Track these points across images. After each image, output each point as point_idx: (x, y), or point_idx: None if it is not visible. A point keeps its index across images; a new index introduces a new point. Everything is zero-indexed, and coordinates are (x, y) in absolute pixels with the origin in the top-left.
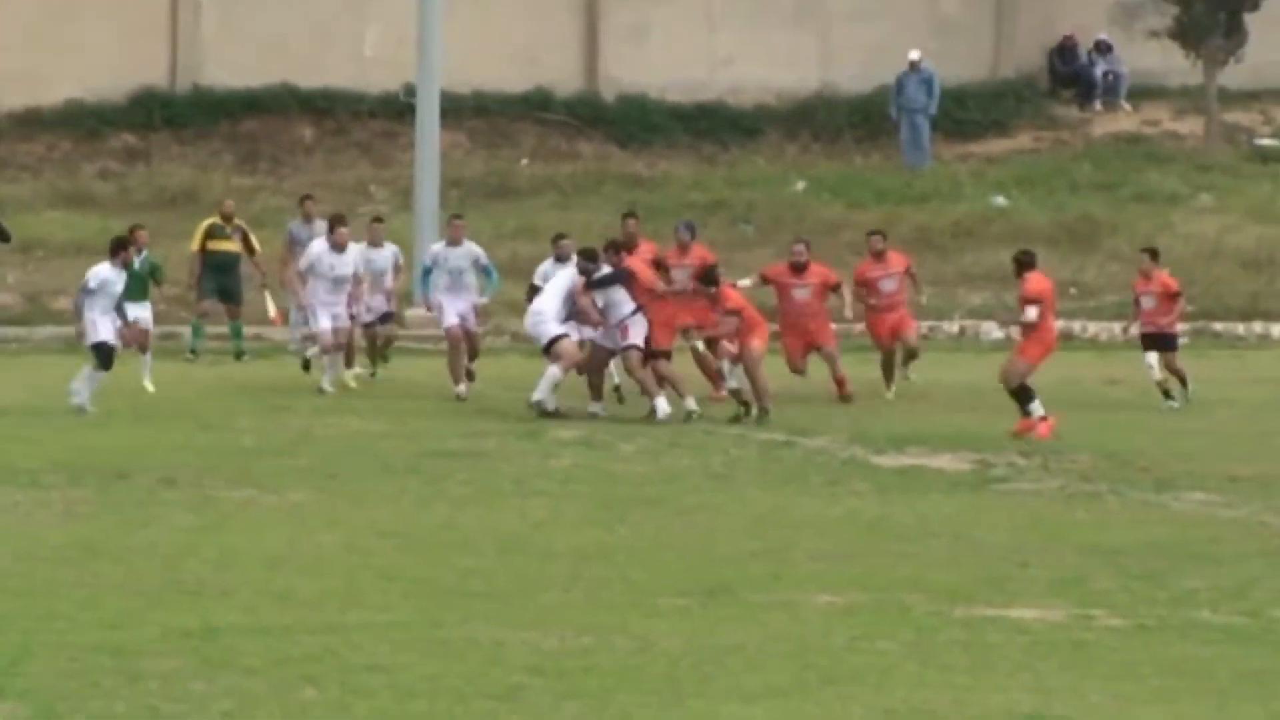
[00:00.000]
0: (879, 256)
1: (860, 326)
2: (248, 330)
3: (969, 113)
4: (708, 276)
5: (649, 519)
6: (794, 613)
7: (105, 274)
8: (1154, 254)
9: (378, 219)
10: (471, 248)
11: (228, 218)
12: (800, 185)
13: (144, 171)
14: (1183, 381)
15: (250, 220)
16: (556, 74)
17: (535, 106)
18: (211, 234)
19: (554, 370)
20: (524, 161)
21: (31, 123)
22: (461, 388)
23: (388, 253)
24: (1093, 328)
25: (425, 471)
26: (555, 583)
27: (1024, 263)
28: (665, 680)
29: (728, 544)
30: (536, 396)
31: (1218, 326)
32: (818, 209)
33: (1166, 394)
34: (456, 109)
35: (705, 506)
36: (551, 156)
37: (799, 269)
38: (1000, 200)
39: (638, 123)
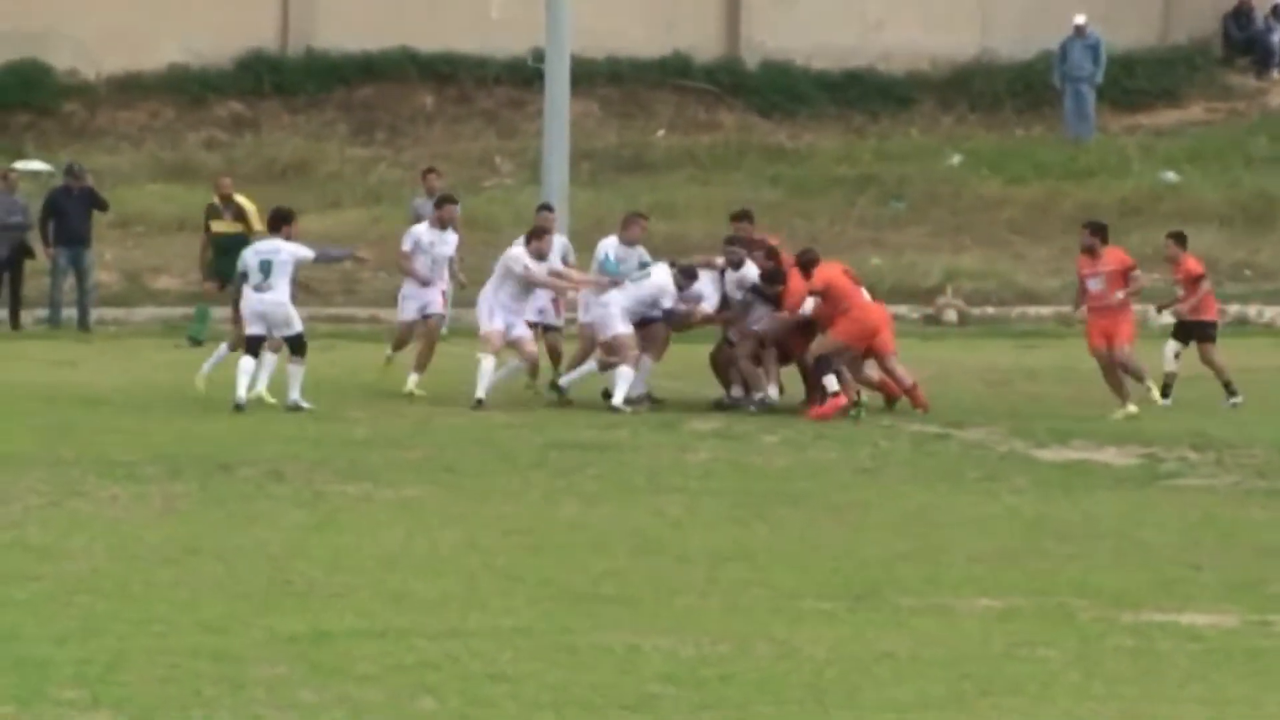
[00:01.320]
0: (1090, 252)
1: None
2: (374, 312)
3: (1137, 81)
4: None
5: (792, 517)
6: (948, 618)
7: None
8: (1181, 239)
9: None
10: (642, 254)
11: (225, 197)
12: (956, 159)
13: (252, 141)
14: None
15: (366, 194)
16: (696, 38)
17: (673, 73)
18: (211, 215)
19: (625, 369)
20: (660, 132)
21: (132, 88)
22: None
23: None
24: (1269, 312)
25: (552, 465)
26: (692, 586)
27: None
28: (809, 690)
29: (877, 544)
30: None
31: None
32: (974, 184)
33: (1165, 390)
34: (588, 75)
35: (853, 503)
36: (689, 127)
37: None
38: (1170, 176)
39: (782, 91)
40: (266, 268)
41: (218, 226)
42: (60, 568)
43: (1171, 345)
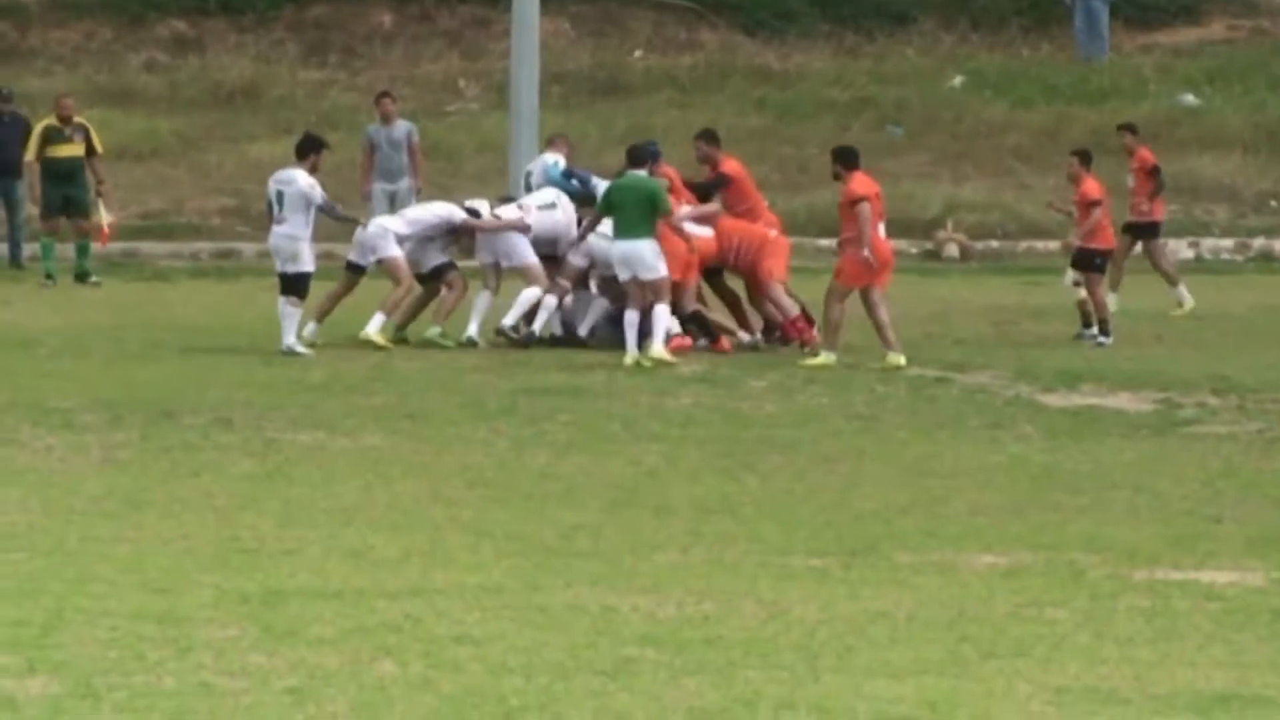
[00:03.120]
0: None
1: None
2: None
3: None
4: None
5: (781, 467)
6: (950, 576)
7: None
8: (1086, 157)
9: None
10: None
11: (65, 119)
12: (957, 80)
13: (196, 64)
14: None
15: (320, 120)
16: None
17: None
18: (49, 138)
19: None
20: (637, 53)
21: (65, 6)
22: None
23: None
24: None
25: (522, 411)
26: (672, 541)
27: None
28: (799, 653)
29: (872, 496)
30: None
31: None
32: (977, 108)
33: (1084, 319)
34: None
35: (846, 452)
36: (668, 47)
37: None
38: (1190, 99)
39: (769, 7)
40: (280, 199)
41: (56, 150)
42: None
43: (1070, 274)
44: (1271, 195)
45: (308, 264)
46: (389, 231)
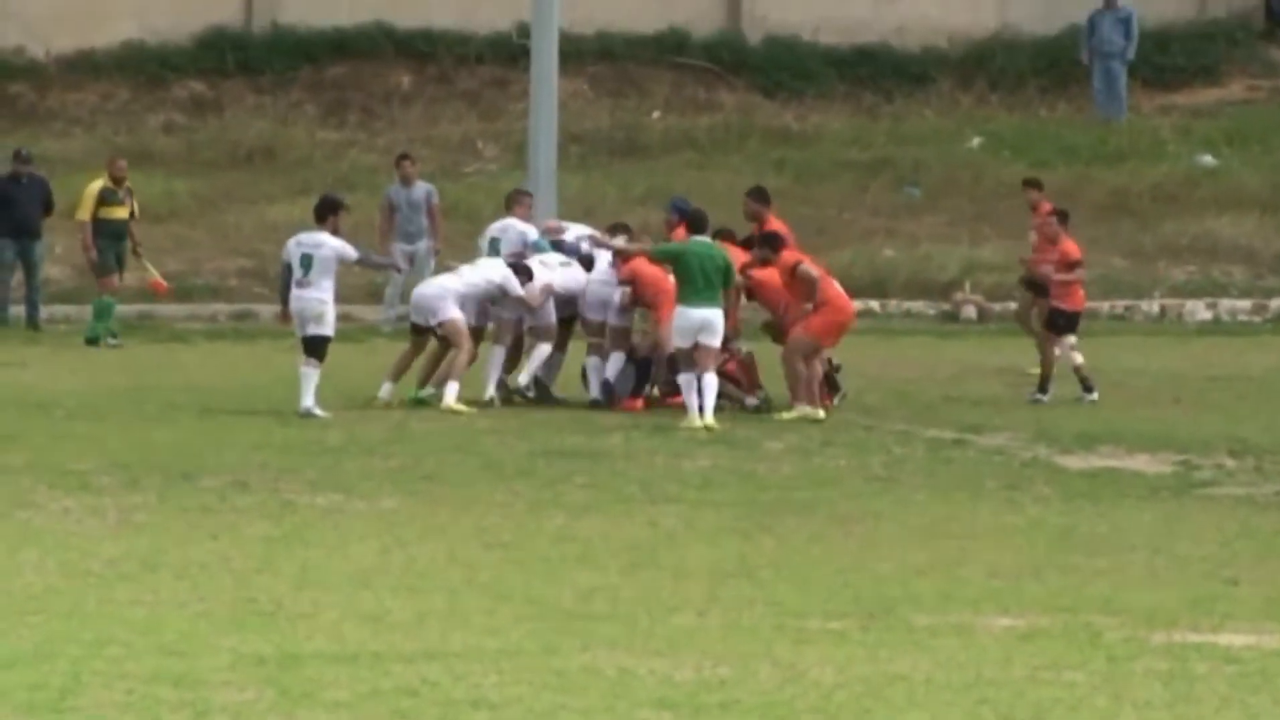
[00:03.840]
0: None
1: None
2: (348, 309)
3: (1172, 57)
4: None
5: (798, 529)
6: (967, 638)
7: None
8: (1063, 216)
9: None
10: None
11: (119, 180)
12: (975, 141)
13: (214, 124)
14: (1043, 380)
15: (338, 181)
16: (694, 12)
17: (669, 49)
18: (104, 199)
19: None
20: (655, 114)
21: (84, 68)
22: None
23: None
24: None
25: (539, 473)
26: (689, 603)
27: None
28: (817, 716)
29: (890, 558)
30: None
31: None
32: (995, 169)
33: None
34: (577, 52)
35: (864, 514)
36: (687, 108)
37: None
38: (1208, 159)
39: (787, 68)
40: (308, 262)
41: (110, 212)
42: (10, 585)
43: (1068, 340)
44: None
45: (330, 327)
46: (449, 293)
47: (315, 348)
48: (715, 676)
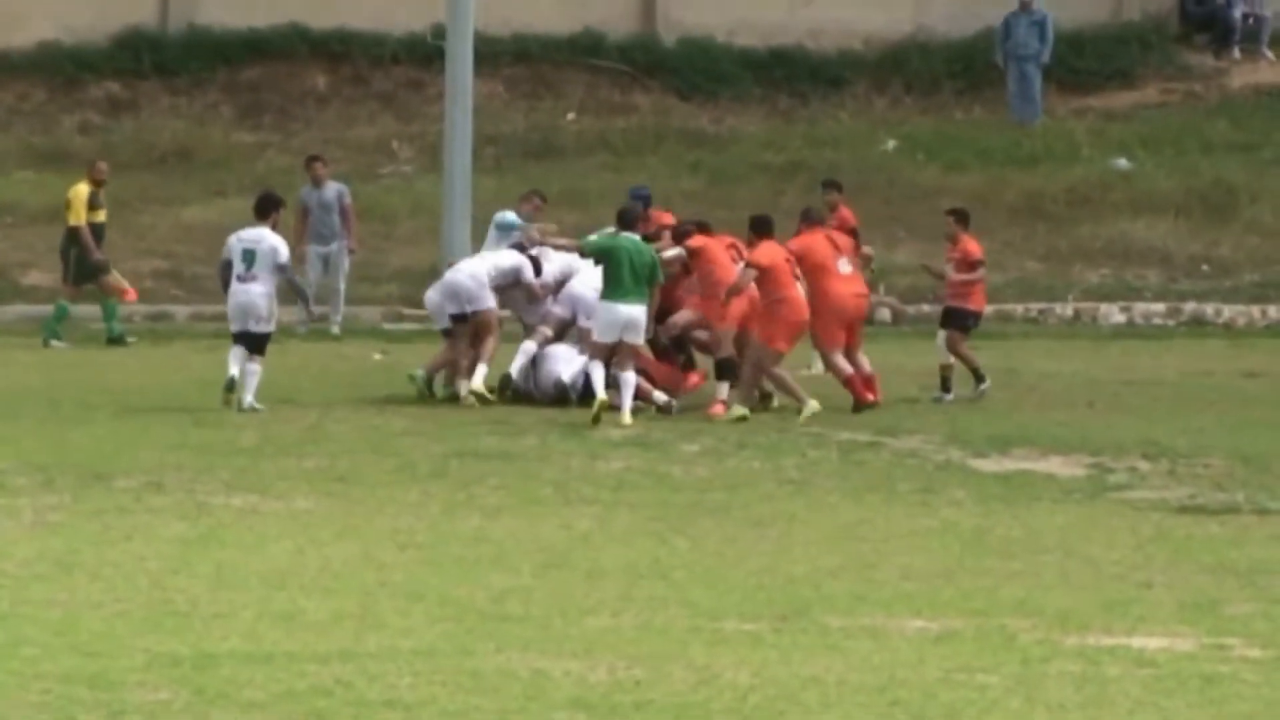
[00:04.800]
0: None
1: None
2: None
3: (1087, 61)
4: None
5: (712, 531)
6: (881, 640)
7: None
8: (962, 216)
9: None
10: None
11: (100, 183)
12: (891, 144)
13: (130, 125)
14: (974, 373)
15: (254, 182)
16: (608, 14)
17: (583, 52)
18: (92, 204)
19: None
20: (570, 115)
21: None
22: None
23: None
24: (1227, 311)
25: (453, 475)
26: (604, 605)
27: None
28: (731, 717)
29: (803, 560)
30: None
31: None
32: (910, 172)
33: (945, 384)
34: (493, 54)
35: (778, 516)
36: (602, 110)
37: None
38: (1123, 163)
39: (702, 71)
40: (250, 257)
41: (95, 216)
42: None
43: (941, 334)
44: (1203, 259)
45: (272, 323)
46: (485, 283)
47: (256, 344)
48: (630, 678)
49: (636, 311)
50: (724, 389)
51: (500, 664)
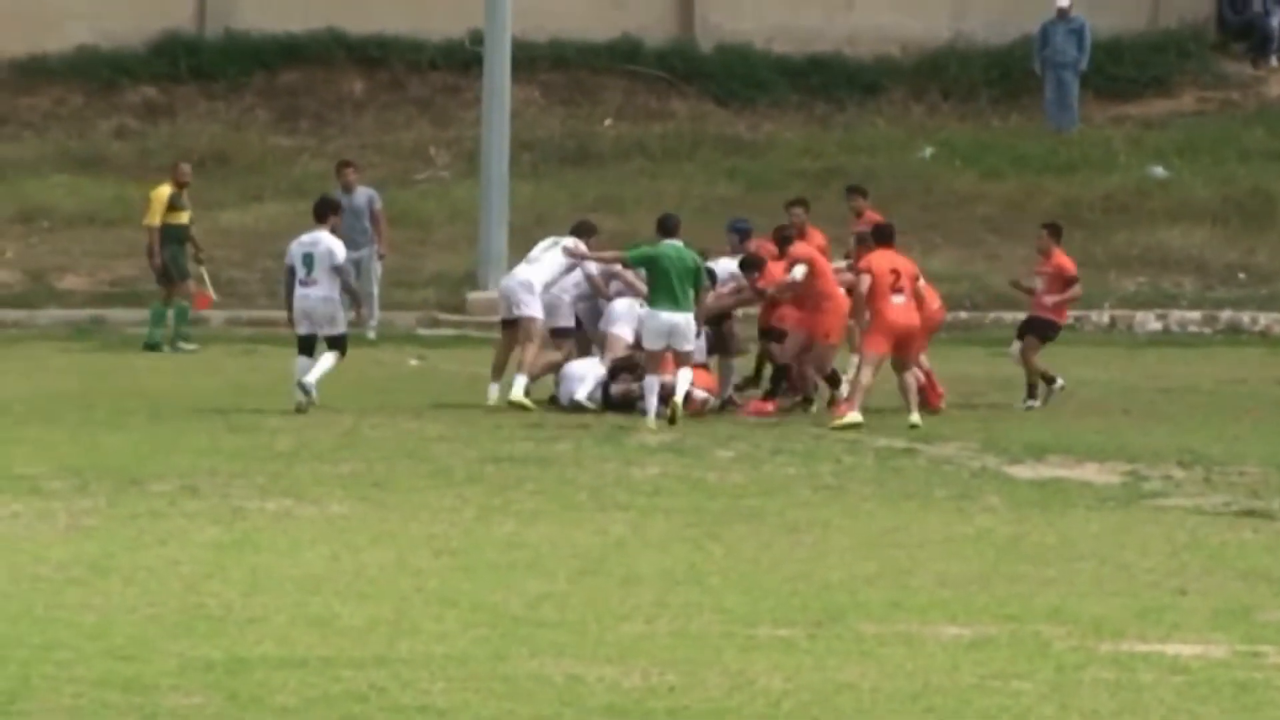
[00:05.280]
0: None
1: None
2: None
3: (1124, 68)
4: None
5: (747, 537)
6: (915, 647)
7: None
8: (1056, 230)
9: None
10: None
11: (183, 185)
12: (927, 151)
13: (167, 130)
14: (1046, 380)
15: (290, 187)
16: (646, 20)
17: (621, 57)
18: (172, 205)
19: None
20: (607, 121)
21: (36, 73)
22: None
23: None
24: (1264, 319)
25: (488, 480)
26: (638, 610)
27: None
28: None
29: (838, 567)
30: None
31: None
32: (947, 179)
33: (1032, 390)
34: (530, 60)
35: (813, 523)
36: (639, 116)
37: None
38: (1159, 171)
39: (740, 77)
40: (309, 261)
41: (176, 218)
42: None
43: (1016, 345)
44: (1240, 267)
45: (343, 325)
46: (535, 289)
47: (336, 344)
48: (663, 683)
49: (681, 319)
50: (843, 389)
51: (534, 669)
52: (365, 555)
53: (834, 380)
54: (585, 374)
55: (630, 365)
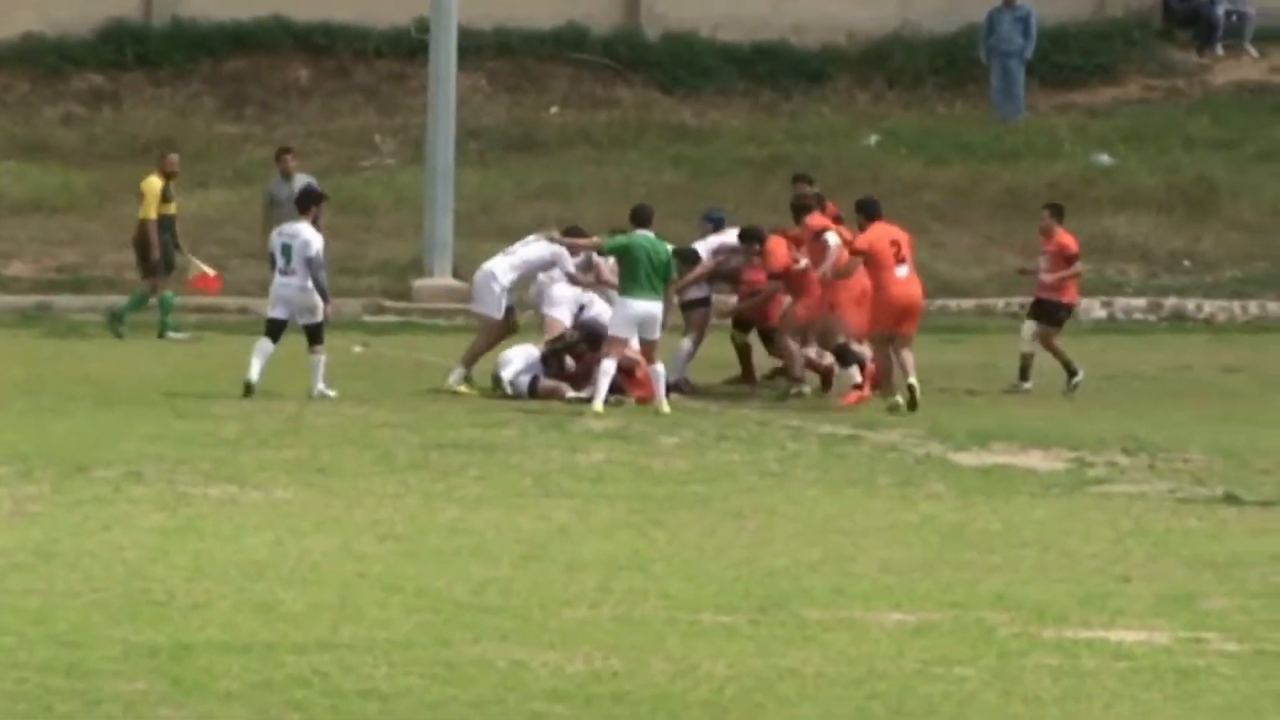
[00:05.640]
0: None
1: None
2: (244, 302)
3: (1070, 57)
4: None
5: (691, 523)
6: (859, 633)
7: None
8: (1058, 211)
9: None
10: None
11: (172, 175)
12: (873, 139)
13: (112, 117)
14: (1065, 367)
15: (236, 175)
16: (592, 8)
17: (567, 45)
18: (165, 196)
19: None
20: (553, 109)
21: None
22: None
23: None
24: (1208, 306)
25: (432, 466)
26: (582, 596)
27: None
28: (707, 710)
29: (782, 553)
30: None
31: None
32: (892, 166)
33: (1024, 373)
34: (476, 47)
35: (757, 509)
36: (585, 103)
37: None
38: (1104, 158)
39: (686, 65)
40: (288, 251)
41: (166, 209)
42: None
43: (1029, 325)
44: (1184, 255)
45: (320, 314)
46: (498, 279)
47: (313, 334)
48: (607, 669)
49: (653, 307)
50: (854, 373)
51: (477, 655)
52: (309, 541)
53: (843, 355)
54: (515, 358)
55: (570, 349)
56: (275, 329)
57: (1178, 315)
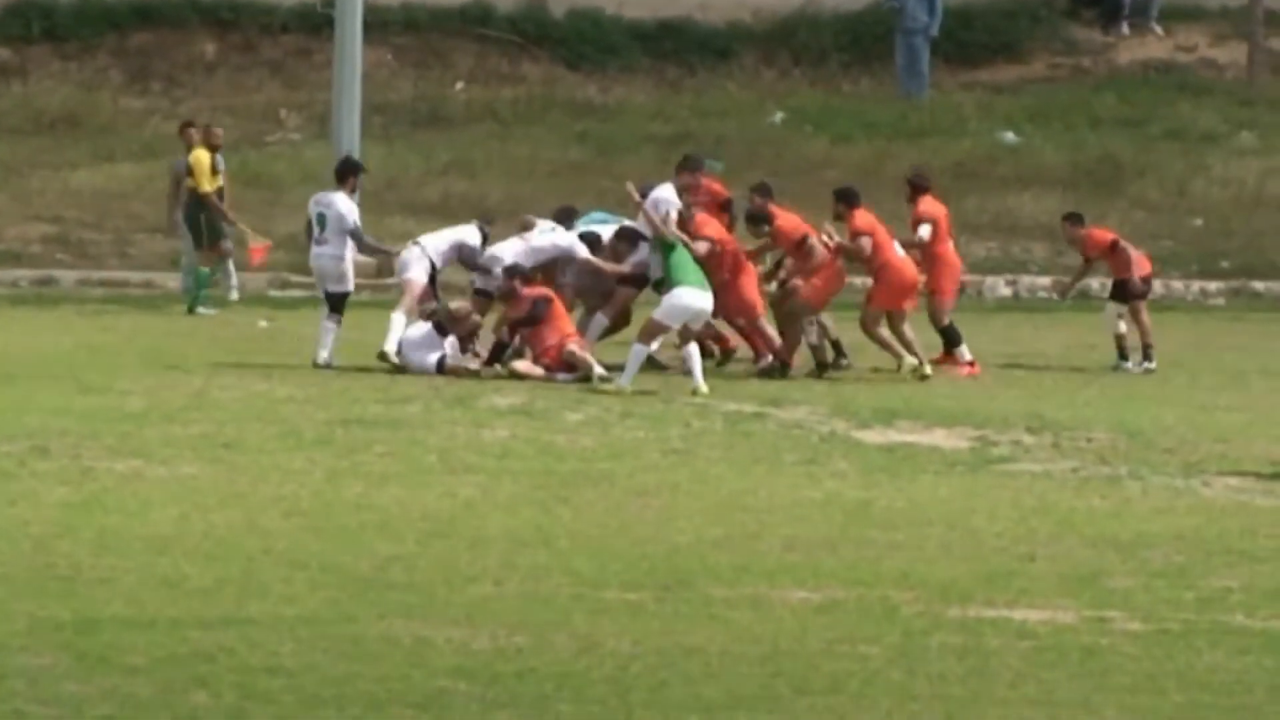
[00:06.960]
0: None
1: None
2: (150, 276)
3: (975, 34)
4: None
5: (596, 500)
6: (763, 610)
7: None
8: (1076, 218)
9: None
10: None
11: (217, 148)
12: (778, 116)
13: (19, 91)
14: (1121, 354)
15: (141, 148)
16: None
17: (473, 21)
18: (215, 168)
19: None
20: (459, 85)
21: None
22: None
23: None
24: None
25: (338, 442)
26: (486, 573)
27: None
28: (612, 687)
29: (687, 530)
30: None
31: (1258, 285)
32: (798, 143)
33: (1122, 353)
34: (382, 23)
35: (662, 486)
36: (490, 79)
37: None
38: (1010, 136)
39: (591, 41)
40: (322, 220)
41: (217, 181)
42: None
43: (1111, 307)
44: None
45: (350, 283)
46: (425, 257)
47: (337, 303)
48: (512, 646)
49: (706, 304)
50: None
51: (383, 631)
52: (214, 516)
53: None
54: (413, 333)
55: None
56: (335, 303)
57: (1082, 294)
